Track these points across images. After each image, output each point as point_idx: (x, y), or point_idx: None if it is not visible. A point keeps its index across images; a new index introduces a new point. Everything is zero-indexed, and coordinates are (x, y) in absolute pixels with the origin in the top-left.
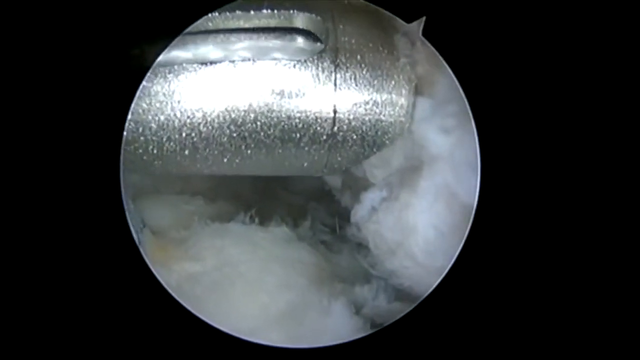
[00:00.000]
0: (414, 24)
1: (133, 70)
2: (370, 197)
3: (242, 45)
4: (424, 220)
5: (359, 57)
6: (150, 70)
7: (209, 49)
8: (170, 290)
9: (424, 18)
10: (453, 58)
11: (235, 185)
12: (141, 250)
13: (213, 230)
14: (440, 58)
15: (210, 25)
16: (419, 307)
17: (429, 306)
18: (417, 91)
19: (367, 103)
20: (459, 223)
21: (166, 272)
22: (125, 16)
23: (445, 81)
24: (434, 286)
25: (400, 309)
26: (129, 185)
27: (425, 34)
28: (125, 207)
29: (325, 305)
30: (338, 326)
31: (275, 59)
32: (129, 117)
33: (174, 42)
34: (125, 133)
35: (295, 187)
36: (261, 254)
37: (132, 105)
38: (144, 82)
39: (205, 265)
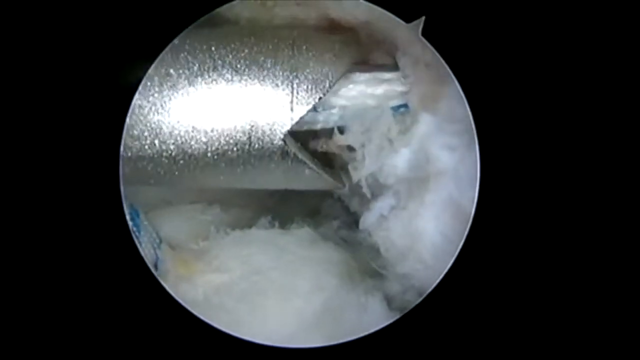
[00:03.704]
0: (413, 24)
1: (125, 83)
2: (379, 206)
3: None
4: (432, 228)
5: None
6: (142, 83)
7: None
8: (190, 308)
9: (423, 18)
10: (455, 58)
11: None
12: (155, 273)
13: (234, 239)
14: (445, 66)
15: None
16: (421, 304)
17: (431, 301)
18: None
19: None
20: (464, 229)
21: (191, 287)
22: (113, 30)
23: (449, 98)
24: (435, 283)
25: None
26: (138, 200)
27: (426, 34)
28: (134, 227)
29: (362, 302)
30: (376, 322)
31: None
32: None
33: (162, 54)
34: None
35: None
36: (288, 258)
37: (127, 117)
38: (136, 96)
39: (233, 276)
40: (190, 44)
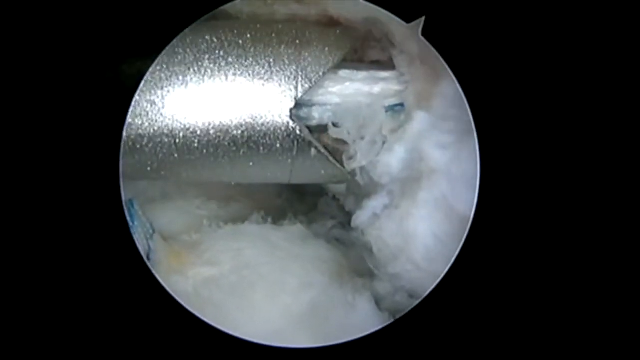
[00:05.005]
0: (413, 24)
1: (126, 81)
2: (372, 205)
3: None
4: (424, 228)
5: None
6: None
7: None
8: (181, 301)
9: (423, 18)
10: (455, 58)
11: (247, 187)
12: (149, 264)
13: (227, 233)
14: (445, 64)
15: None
16: (418, 306)
17: (428, 305)
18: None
19: None
20: (457, 232)
21: (182, 279)
22: (112, 29)
23: (443, 96)
24: (432, 287)
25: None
26: (137, 192)
27: (427, 34)
28: (128, 217)
29: (350, 301)
30: (364, 322)
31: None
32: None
33: (163, 53)
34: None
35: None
36: (279, 254)
37: (130, 107)
38: (137, 93)
39: (223, 269)
40: (196, 33)
